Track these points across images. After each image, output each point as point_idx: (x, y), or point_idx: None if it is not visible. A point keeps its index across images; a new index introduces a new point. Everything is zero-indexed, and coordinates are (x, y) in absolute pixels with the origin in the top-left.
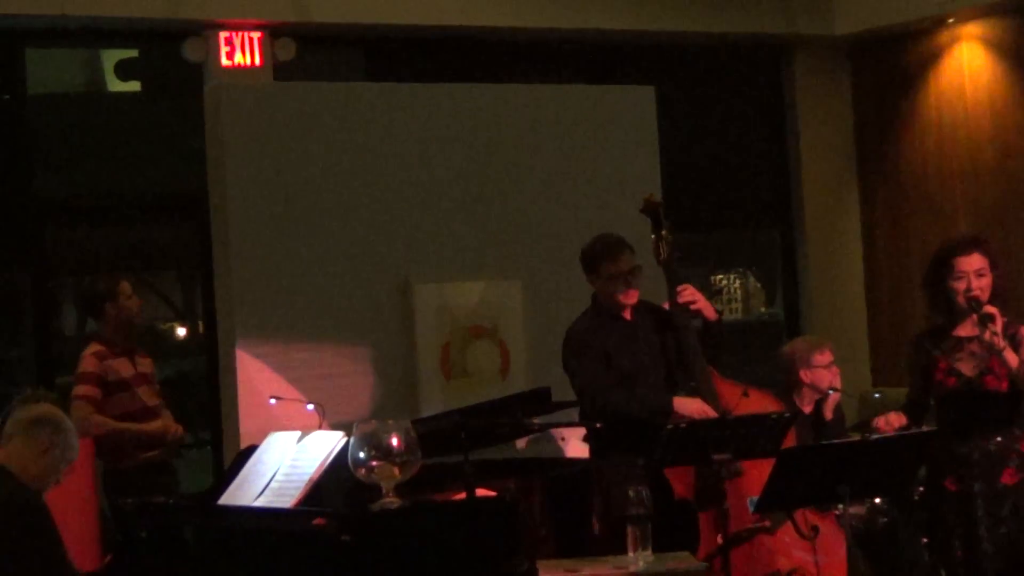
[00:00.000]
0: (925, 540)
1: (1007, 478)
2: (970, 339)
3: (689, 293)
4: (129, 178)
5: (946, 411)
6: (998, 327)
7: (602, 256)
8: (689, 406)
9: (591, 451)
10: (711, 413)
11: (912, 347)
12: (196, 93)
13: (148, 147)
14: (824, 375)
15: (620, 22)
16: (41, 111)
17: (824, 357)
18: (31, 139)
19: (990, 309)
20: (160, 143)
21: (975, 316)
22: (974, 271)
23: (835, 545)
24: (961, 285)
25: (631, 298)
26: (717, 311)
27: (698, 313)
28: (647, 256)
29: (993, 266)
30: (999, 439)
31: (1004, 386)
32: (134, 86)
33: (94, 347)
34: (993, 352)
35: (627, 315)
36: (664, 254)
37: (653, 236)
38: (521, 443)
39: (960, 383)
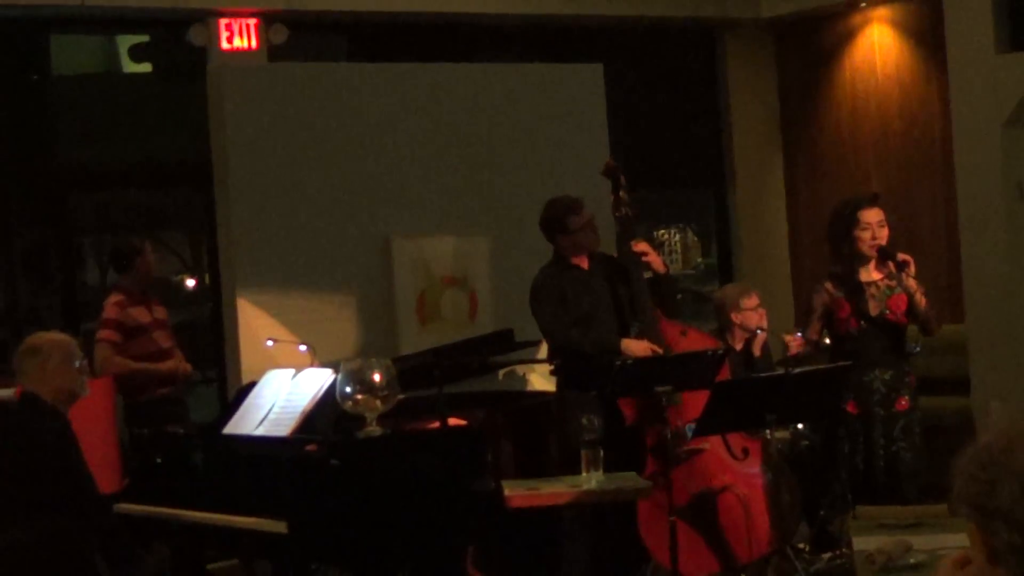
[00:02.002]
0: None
1: (900, 405)
2: (870, 283)
3: (642, 246)
4: (142, 149)
5: (845, 347)
6: (913, 271)
7: (568, 212)
8: (635, 347)
9: (558, 384)
10: (656, 352)
11: (816, 291)
12: (200, 73)
13: (158, 121)
14: (752, 317)
15: (572, 8)
16: (64, 90)
17: (751, 301)
18: (56, 115)
19: (905, 257)
20: (169, 118)
21: (875, 262)
22: (876, 222)
23: (761, 466)
24: (867, 235)
25: (597, 242)
26: (665, 264)
27: (648, 265)
28: (604, 212)
29: (888, 219)
30: (893, 371)
31: (901, 322)
32: (146, 67)
33: (116, 297)
34: (908, 293)
35: (584, 264)
36: (622, 210)
37: (613, 195)
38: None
39: (865, 323)
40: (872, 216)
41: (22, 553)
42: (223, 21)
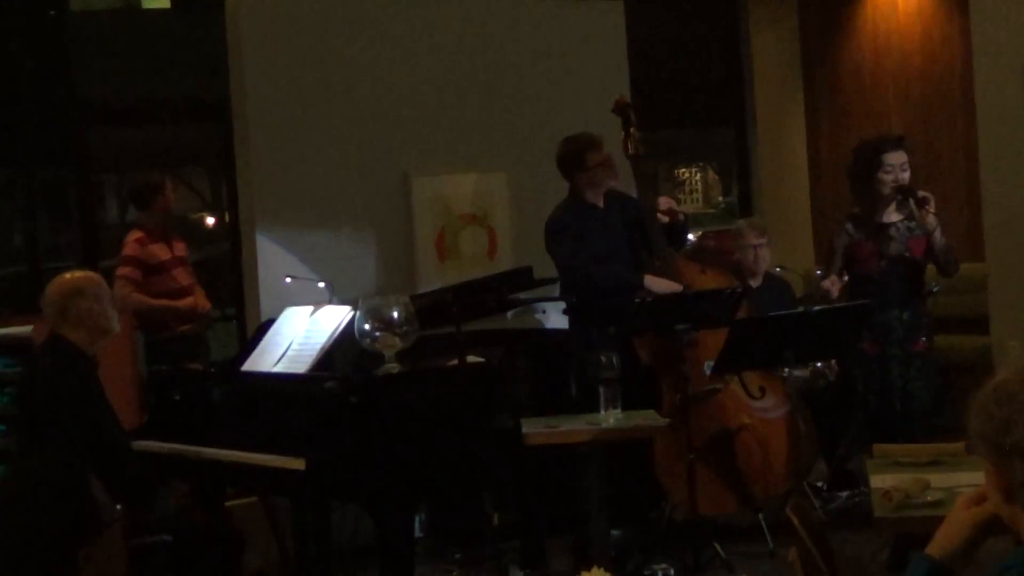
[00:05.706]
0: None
1: (918, 345)
2: (889, 225)
3: (664, 201)
4: (161, 85)
5: (865, 287)
6: (932, 207)
7: (587, 149)
8: (659, 283)
9: (569, 323)
10: (678, 289)
11: (836, 233)
12: (218, 8)
13: (177, 57)
14: (741, 255)
15: None
16: (83, 26)
17: (742, 239)
18: (74, 52)
19: (925, 193)
20: (187, 53)
21: (896, 203)
22: (899, 165)
23: (778, 404)
24: (889, 177)
25: (616, 177)
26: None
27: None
28: (619, 150)
29: (911, 161)
30: (912, 311)
31: (920, 263)
32: (164, 3)
33: (136, 234)
34: (928, 230)
35: (600, 203)
36: (632, 149)
37: (623, 133)
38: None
39: (885, 263)
40: (896, 159)
41: (10, 486)
42: None
